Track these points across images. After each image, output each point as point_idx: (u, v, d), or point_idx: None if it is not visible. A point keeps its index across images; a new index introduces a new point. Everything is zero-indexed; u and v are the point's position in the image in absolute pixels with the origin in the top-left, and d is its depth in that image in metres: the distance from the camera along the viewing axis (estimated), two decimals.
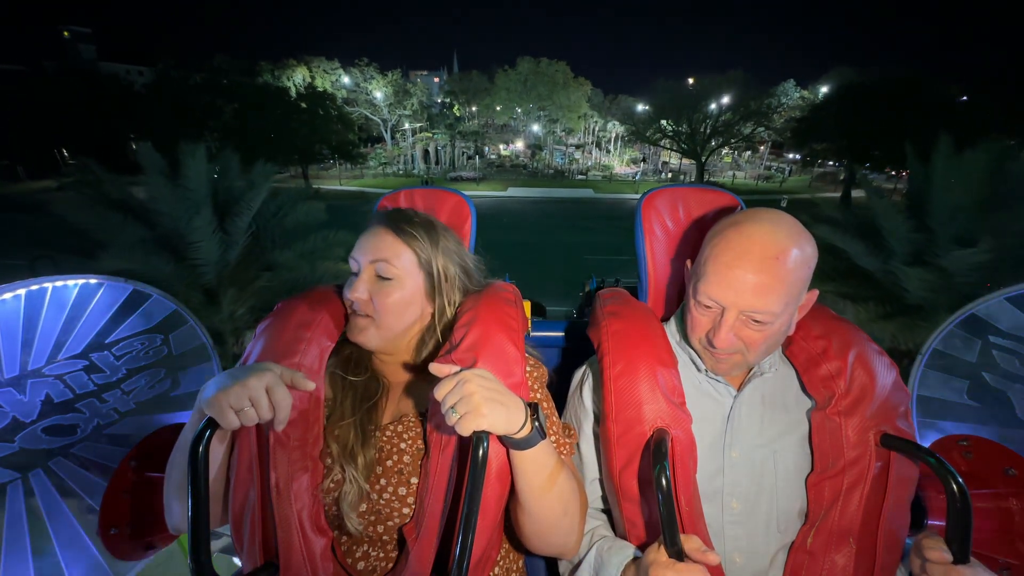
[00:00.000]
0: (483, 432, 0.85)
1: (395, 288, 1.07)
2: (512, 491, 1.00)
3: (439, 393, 0.85)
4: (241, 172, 7.89)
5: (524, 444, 0.91)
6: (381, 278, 1.07)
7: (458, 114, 54.76)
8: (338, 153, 39.29)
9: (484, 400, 0.83)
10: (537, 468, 0.94)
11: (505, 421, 0.86)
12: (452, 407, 0.83)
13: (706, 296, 0.99)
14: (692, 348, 1.12)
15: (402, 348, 1.15)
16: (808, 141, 35.27)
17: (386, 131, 51.58)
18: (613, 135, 59.90)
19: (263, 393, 0.86)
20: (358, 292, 1.06)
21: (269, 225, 7.89)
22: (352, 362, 1.15)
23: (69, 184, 8.01)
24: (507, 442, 0.92)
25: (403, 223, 1.09)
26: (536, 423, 0.91)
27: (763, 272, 0.94)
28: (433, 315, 1.13)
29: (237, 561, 1.04)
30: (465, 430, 0.83)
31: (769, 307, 0.95)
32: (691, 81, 45.41)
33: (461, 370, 0.88)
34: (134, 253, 6.41)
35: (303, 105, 35.49)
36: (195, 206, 6.79)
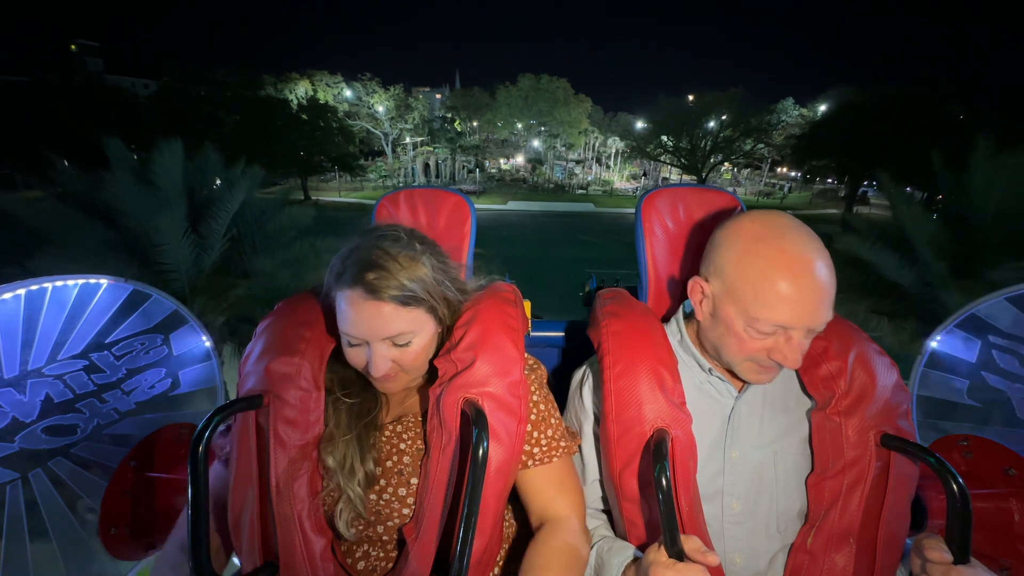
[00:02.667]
0: (483, 431, 0.85)
1: (416, 343, 1.02)
2: (511, 492, 1.00)
3: None
4: (222, 172, 7.25)
5: None
6: (398, 345, 1.00)
7: (459, 129, 55.05)
8: (338, 165, 39.38)
9: None
10: None
11: None
12: None
13: (771, 324, 0.95)
14: (720, 362, 1.09)
15: None
16: (808, 158, 35.44)
17: (387, 145, 51.82)
18: (613, 151, 60.37)
19: None
20: (383, 370, 0.99)
21: (250, 230, 7.24)
22: (346, 381, 1.11)
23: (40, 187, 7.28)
24: None
25: (396, 288, 0.96)
26: None
27: (819, 286, 0.92)
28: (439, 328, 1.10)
29: (237, 561, 1.04)
30: None
31: (829, 315, 0.95)
32: (691, 98, 45.72)
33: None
34: (88, 255, 5.75)
35: (304, 117, 35.63)
36: (164, 205, 6.10)
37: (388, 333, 0.97)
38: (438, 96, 65.12)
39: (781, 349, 0.96)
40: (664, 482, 0.88)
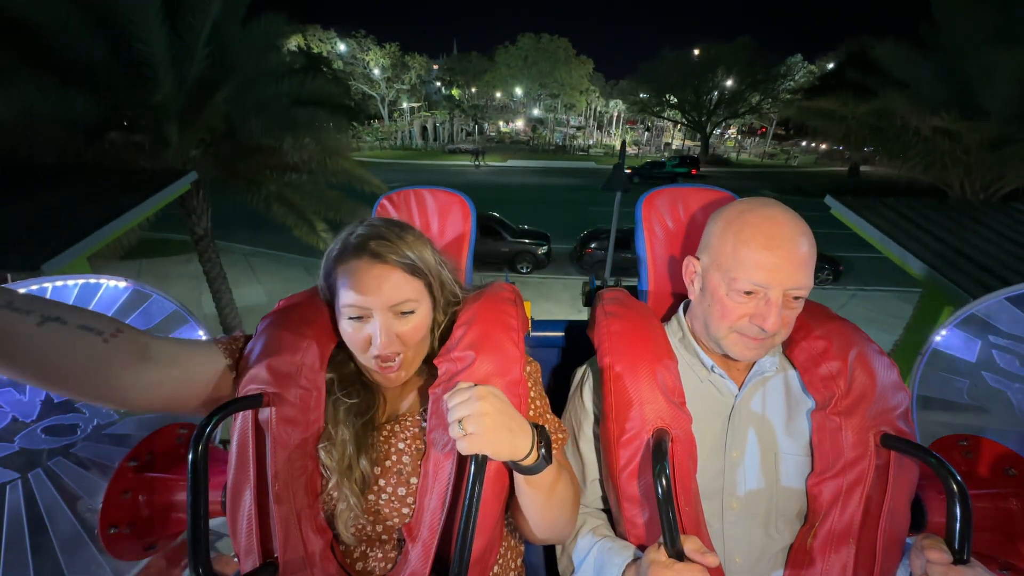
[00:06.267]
0: None
1: (418, 314, 1.02)
2: (511, 492, 1.00)
3: (452, 400, 0.83)
4: None
5: (528, 471, 0.90)
6: (403, 313, 1.00)
7: (457, 96, 54.12)
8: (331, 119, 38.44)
9: (493, 426, 0.81)
10: (539, 487, 0.93)
11: (510, 450, 0.84)
12: (460, 421, 0.81)
13: (749, 282, 0.98)
14: (711, 338, 1.10)
15: None
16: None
17: (383, 107, 50.86)
18: (615, 114, 59.74)
19: None
20: (388, 345, 0.98)
21: (237, 51, 6.68)
22: (345, 381, 1.10)
23: None
24: (510, 465, 0.91)
25: (401, 256, 0.99)
26: (542, 450, 0.89)
27: (799, 247, 0.96)
28: (434, 319, 1.10)
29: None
30: (466, 450, 0.81)
31: (808, 281, 0.97)
32: (697, 52, 44.64)
33: (475, 385, 0.85)
34: (51, 35, 5.23)
35: (296, 67, 34.58)
36: None
37: (393, 300, 0.98)
38: (435, 67, 63.48)
39: (761, 312, 0.99)
40: (664, 482, 0.87)
